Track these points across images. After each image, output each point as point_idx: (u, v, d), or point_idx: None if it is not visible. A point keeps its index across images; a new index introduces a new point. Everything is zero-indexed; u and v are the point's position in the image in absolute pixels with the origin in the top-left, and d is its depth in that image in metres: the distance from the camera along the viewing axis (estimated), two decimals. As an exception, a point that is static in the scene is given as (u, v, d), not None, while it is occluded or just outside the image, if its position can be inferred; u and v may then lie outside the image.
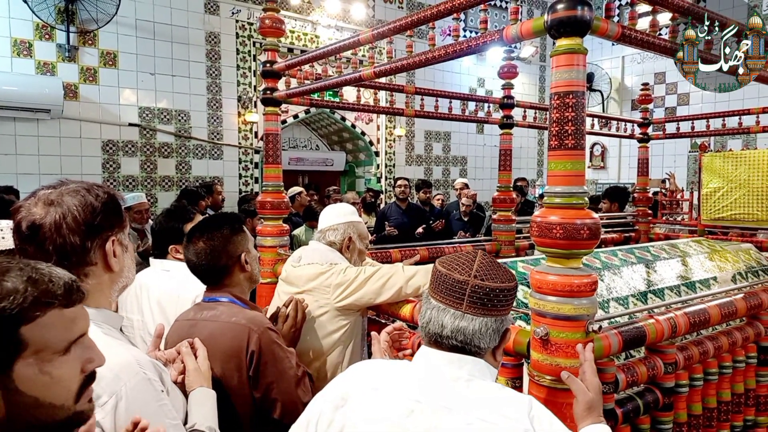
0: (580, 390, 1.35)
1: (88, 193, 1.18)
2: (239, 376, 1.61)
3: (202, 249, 1.71)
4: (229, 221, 1.78)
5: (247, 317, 1.66)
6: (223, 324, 1.65)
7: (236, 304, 1.74)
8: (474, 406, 1.07)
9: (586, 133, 1.52)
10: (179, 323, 1.76)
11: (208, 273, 1.76)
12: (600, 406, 1.33)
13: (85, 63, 6.13)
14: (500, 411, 1.05)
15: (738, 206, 4.38)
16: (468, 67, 9.23)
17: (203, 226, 1.76)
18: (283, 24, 2.91)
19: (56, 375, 0.81)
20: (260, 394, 1.62)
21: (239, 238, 1.77)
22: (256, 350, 1.60)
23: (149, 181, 6.57)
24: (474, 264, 1.18)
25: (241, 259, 1.76)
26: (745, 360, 2.25)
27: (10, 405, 0.76)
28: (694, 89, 8.59)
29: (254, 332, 1.61)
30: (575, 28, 1.44)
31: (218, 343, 1.62)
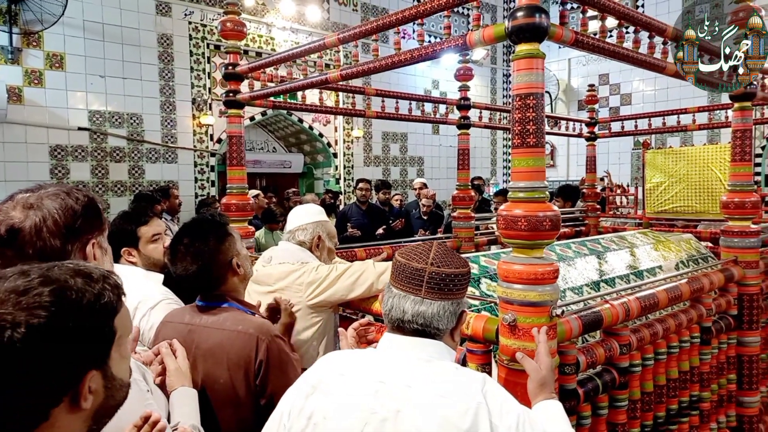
0: (533, 368, 1.46)
1: (68, 197, 1.18)
2: (247, 385, 1.61)
3: (190, 265, 1.66)
4: (213, 229, 1.74)
5: (255, 325, 1.64)
6: (231, 333, 1.63)
7: (239, 309, 1.72)
8: (433, 384, 1.15)
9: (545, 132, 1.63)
10: (174, 325, 1.73)
11: (202, 285, 1.73)
12: (552, 383, 1.44)
13: (30, 65, 5.92)
14: (456, 387, 1.14)
15: (678, 199, 4.66)
16: (422, 70, 9.38)
17: (188, 239, 1.70)
18: (244, 27, 2.93)
19: (127, 356, 0.91)
20: (265, 401, 1.62)
21: (227, 245, 1.73)
22: (264, 359, 1.59)
23: (101, 187, 6.40)
24: (430, 253, 1.28)
25: (232, 264, 1.74)
26: (689, 340, 2.43)
27: (107, 391, 0.84)
28: (636, 90, 9.03)
29: (263, 341, 1.60)
30: (534, 34, 1.55)
31: (226, 351, 1.61)
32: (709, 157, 4.42)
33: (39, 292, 0.76)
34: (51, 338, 0.74)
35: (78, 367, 0.79)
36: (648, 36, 2.16)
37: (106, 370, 0.84)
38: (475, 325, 1.74)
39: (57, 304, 0.76)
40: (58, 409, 0.77)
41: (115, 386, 0.86)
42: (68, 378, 0.78)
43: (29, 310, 0.74)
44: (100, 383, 0.82)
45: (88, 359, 0.80)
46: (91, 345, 0.81)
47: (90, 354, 0.81)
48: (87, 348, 0.80)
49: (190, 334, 1.66)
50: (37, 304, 0.75)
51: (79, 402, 0.79)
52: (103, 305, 0.82)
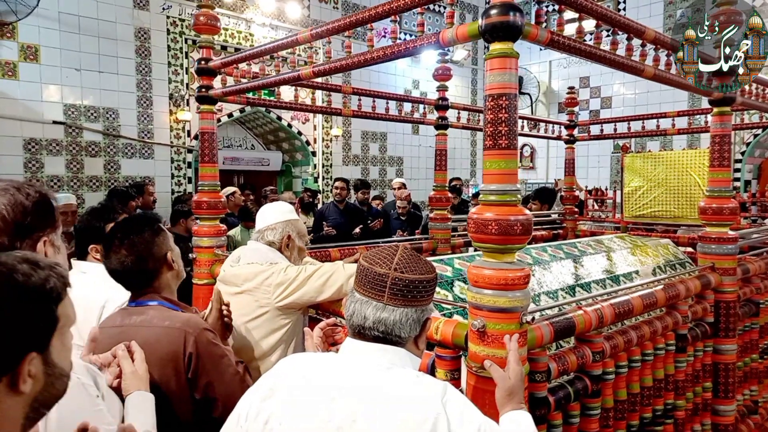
0: (501, 377, 1.42)
1: (18, 192, 1.13)
2: (177, 380, 1.59)
3: (126, 258, 1.65)
4: (147, 223, 1.73)
5: (182, 320, 1.63)
6: (157, 329, 1.61)
7: (167, 306, 1.70)
8: (390, 392, 1.11)
9: (518, 134, 1.59)
10: (107, 330, 1.69)
11: (135, 280, 1.71)
12: (521, 393, 1.40)
13: (4, 57, 5.77)
14: (415, 396, 1.10)
15: (657, 204, 4.67)
16: (403, 69, 9.35)
17: (122, 233, 1.69)
18: (218, 21, 2.86)
19: (69, 346, 0.92)
20: (200, 395, 1.61)
21: (161, 239, 1.73)
22: (193, 352, 1.58)
23: (75, 182, 6.26)
24: (395, 258, 1.23)
25: (167, 258, 1.73)
26: (664, 347, 2.41)
27: (47, 378, 0.85)
28: (616, 93, 9.08)
29: (190, 335, 1.59)
30: (507, 33, 1.51)
31: (154, 348, 1.58)
32: (688, 162, 4.44)
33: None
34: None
35: (19, 347, 0.80)
36: (626, 38, 2.13)
37: (47, 356, 0.84)
38: (444, 330, 1.70)
39: (3, 285, 0.79)
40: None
41: (56, 374, 0.86)
42: (9, 357, 0.79)
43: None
44: (41, 368, 0.83)
45: (29, 341, 0.81)
46: (34, 327, 0.82)
47: (32, 336, 0.82)
48: (29, 330, 0.81)
49: (120, 336, 1.61)
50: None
51: (18, 384, 0.79)
52: (48, 290, 0.84)
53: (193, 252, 2.87)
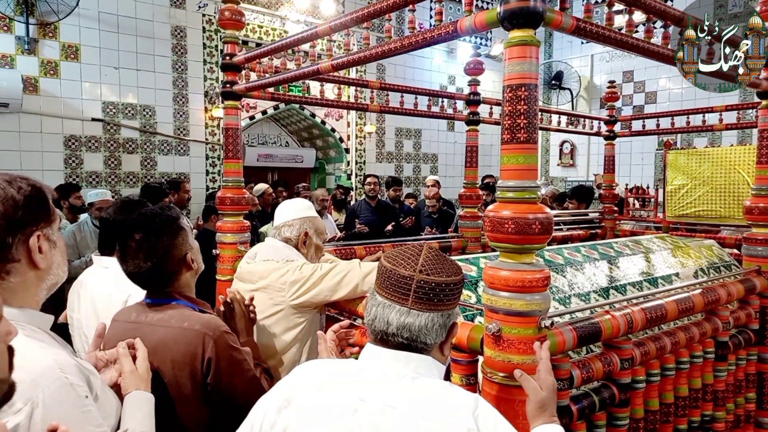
0: (533, 389, 1.33)
1: (9, 186, 1.10)
2: (193, 383, 1.54)
3: (144, 263, 1.58)
4: (167, 224, 1.64)
5: (201, 322, 1.57)
6: (176, 330, 1.56)
7: (186, 306, 1.65)
8: (418, 404, 1.04)
9: (542, 128, 1.50)
10: (119, 324, 1.66)
11: (154, 283, 1.65)
12: (553, 405, 1.31)
13: (46, 56, 5.94)
14: (444, 409, 1.03)
15: (702, 203, 4.44)
16: (438, 65, 9.22)
17: (140, 236, 1.59)
18: (243, 16, 2.85)
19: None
20: (218, 399, 1.56)
21: (181, 240, 1.65)
22: (213, 357, 1.53)
23: (113, 178, 6.41)
24: (419, 258, 1.16)
25: (187, 259, 1.66)
26: (702, 355, 2.27)
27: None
28: (661, 88, 8.72)
29: (209, 338, 1.54)
30: (528, 20, 1.42)
31: (171, 349, 1.54)
32: (737, 159, 4.20)
33: None
34: None
35: None
36: (663, 26, 2.00)
37: None
38: (460, 333, 1.62)
39: None
40: None
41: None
42: None
43: None
44: None
45: None
46: None
47: None
48: None
49: (134, 332, 1.57)
50: None
51: None
52: None
53: (217, 248, 2.86)
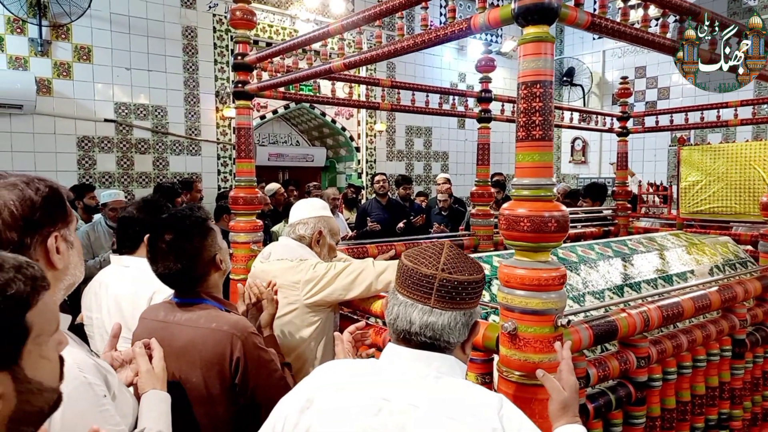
0: (555, 389, 1.32)
1: (27, 187, 1.11)
2: (222, 383, 1.55)
3: (174, 265, 1.58)
4: (197, 226, 1.64)
5: (230, 323, 1.57)
6: (204, 330, 1.56)
7: (214, 306, 1.65)
8: (442, 403, 1.04)
9: (554, 125, 1.49)
10: (148, 322, 1.67)
11: (183, 284, 1.65)
12: (576, 405, 1.30)
13: (59, 57, 5.99)
14: (469, 409, 1.02)
15: (716, 199, 4.39)
16: (449, 62, 9.19)
17: (171, 237, 1.59)
18: (254, 16, 2.86)
19: (51, 357, 0.81)
20: (246, 400, 1.57)
21: (210, 241, 1.65)
22: (241, 357, 1.53)
23: (126, 178, 6.45)
24: (441, 257, 1.15)
25: (216, 260, 1.66)
26: (719, 353, 2.25)
27: (20, 395, 0.75)
28: (674, 83, 8.64)
29: (237, 338, 1.54)
30: (543, 16, 1.41)
31: (199, 350, 1.55)
32: (752, 155, 4.15)
33: None
34: None
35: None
36: (677, 20, 1.97)
37: (17, 371, 0.74)
38: (475, 332, 1.61)
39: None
40: None
41: (32, 390, 0.76)
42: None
43: None
44: (10, 387, 0.73)
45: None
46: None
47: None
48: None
49: (163, 332, 1.59)
50: None
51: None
52: (8, 297, 0.74)
53: (230, 247, 2.88)
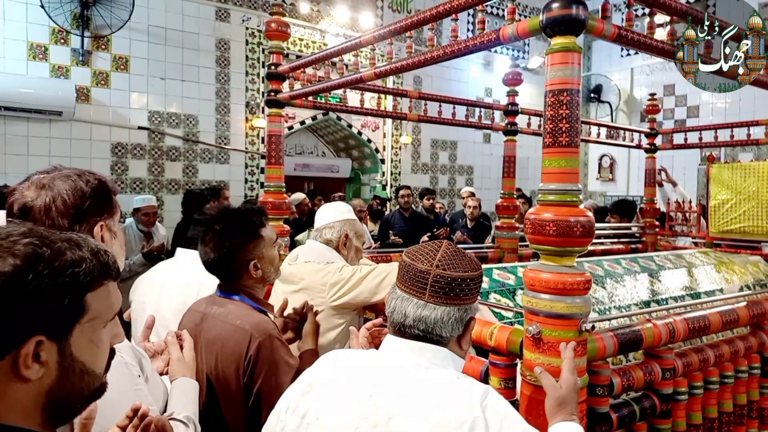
0: (551, 385, 1.35)
1: (79, 179, 1.19)
2: (237, 381, 1.60)
3: (211, 252, 1.68)
4: (244, 226, 1.72)
5: (252, 322, 1.61)
6: (230, 326, 1.62)
7: (247, 303, 1.70)
8: (428, 392, 1.08)
9: (582, 140, 1.51)
10: (192, 312, 1.76)
11: (218, 273, 1.74)
12: (573, 404, 1.32)
13: (98, 67, 6.20)
14: (454, 398, 1.06)
15: (747, 218, 4.32)
16: (475, 78, 9.22)
17: (220, 225, 1.70)
18: (288, 27, 2.94)
19: (100, 344, 0.83)
20: (252, 400, 1.59)
21: (252, 246, 1.70)
22: (253, 355, 1.57)
23: (156, 184, 6.61)
24: (437, 254, 1.19)
25: (250, 266, 1.70)
26: (747, 370, 2.21)
27: (62, 370, 0.77)
28: (704, 102, 8.53)
29: (255, 338, 1.58)
30: (570, 27, 1.45)
31: (224, 345, 1.61)
32: (785, 174, 4.09)
33: (15, 240, 0.74)
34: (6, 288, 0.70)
35: (25, 326, 0.72)
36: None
37: (65, 346, 0.77)
38: (499, 336, 1.63)
39: (28, 258, 0.73)
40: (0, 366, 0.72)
41: (74, 369, 0.78)
42: (10, 333, 0.72)
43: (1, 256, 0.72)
44: (54, 358, 0.76)
45: (39, 322, 0.74)
46: (48, 309, 0.74)
47: (43, 318, 0.74)
48: (41, 310, 0.74)
49: (201, 323, 1.66)
50: (9, 251, 0.73)
51: (19, 368, 0.72)
52: (75, 273, 0.77)
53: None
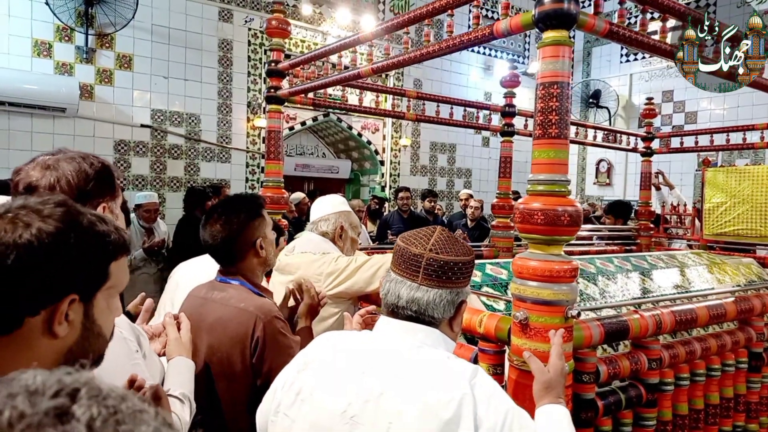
0: (539, 369, 1.39)
1: (83, 161, 1.23)
2: (243, 361, 1.63)
3: (218, 232, 1.71)
4: (248, 205, 1.77)
5: (256, 304, 1.66)
6: (232, 309, 1.66)
7: (247, 287, 1.75)
8: (420, 370, 1.11)
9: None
10: (192, 298, 1.80)
11: (222, 254, 1.77)
12: (560, 388, 1.36)
13: (102, 65, 6.25)
14: (443, 376, 1.09)
15: (741, 221, 4.36)
16: (475, 81, 9.29)
17: (222, 208, 1.76)
18: (288, 25, 2.99)
19: (114, 310, 0.92)
20: (261, 381, 1.63)
21: (256, 224, 1.76)
22: (261, 337, 1.61)
23: (158, 182, 6.66)
24: (431, 239, 1.24)
25: (256, 244, 1.75)
26: (734, 364, 2.25)
27: (84, 330, 0.85)
28: (702, 108, 8.59)
29: (261, 320, 1.62)
30: (561, 21, 1.50)
31: (226, 327, 1.64)
32: (779, 178, 4.13)
33: (53, 209, 0.81)
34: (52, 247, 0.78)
35: (64, 284, 0.80)
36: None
37: (90, 308, 0.85)
38: (488, 323, 1.68)
39: (67, 222, 0.80)
40: (33, 322, 0.78)
41: (93, 331, 0.86)
42: (54, 289, 0.79)
43: (42, 218, 0.78)
44: (80, 317, 0.84)
45: (75, 282, 0.82)
46: (83, 271, 0.82)
47: (79, 278, 0.82)
48: (79, 270, 0.82)
49: (201, 307, 1.70)
50: (50, 215, 0.80)
51: (53, 324, 0.79)
52: (107, 242, 0.86)
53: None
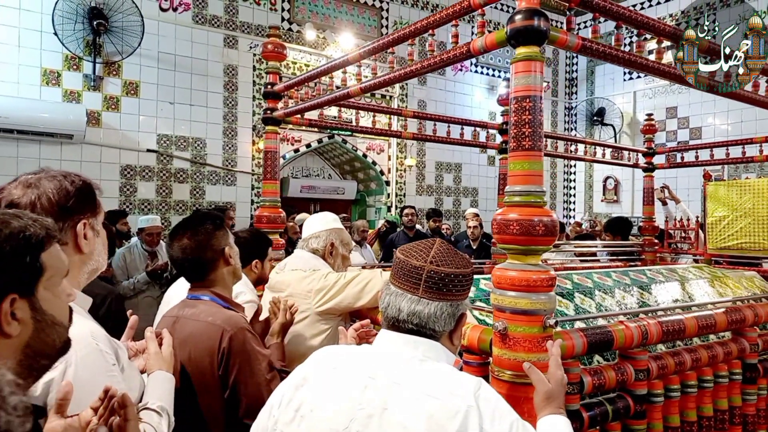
0: (540, 380, 1.38)
1: (64, 179, 1.27)
2: (212, 375, 1.66)
3: (188, 245, 1.77)
4: (210, 217, 1.86)
5: (224, 317, 1.70)
6: (202, 323, 1.70)
7: (216, 302, 1.78)
8: (423, 383, 1.10)
9: (544, 135, 1.59)
10: (165, 318, 1.83)
11: (193, 268, 1.81)
12: (561, 398, 1.36)
13: (109, 92, 6.41)
14: (447, 388, 1.08)
15: (743, 235, 4.34)
16: (479, 102, 9.37)
17: (186, 223, 1.83)
18: (284, 49, 3.08)
19: (62, 297, 0.96)
20: (228, 393, 1.66)
21: (222, 233, 1.84)
22: (226, 348, 1.64)
23: (164, 205, 6.75)
24: (431, 251, 1.23)
25: (225, 252, 1.82)
26: (728, 375, 2.23)
27: (36, 323, 0.88)
28: (706, 123, 8.58)
29: (227, 332, 1.66)
30: (532, 37, 1.54)
31: (197, 341, 1.68)
32: (781, 191, 4.12)
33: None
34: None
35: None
36: (669, 47, 2.07)
37: (34, 302, 0.88)
38: (471, 335, 1.69)
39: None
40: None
41: (46, 321, 0.90)
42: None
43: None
44: (28, 313, 0.87)
45: (8, 283, 0.85)
46: (10, 272, 0.85)
47: (11, 278, 0.85)
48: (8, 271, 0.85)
49: (174, 325, 1.73)
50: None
51: (2, 325, 0.82)
52: (26, 237, 0.88)
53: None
